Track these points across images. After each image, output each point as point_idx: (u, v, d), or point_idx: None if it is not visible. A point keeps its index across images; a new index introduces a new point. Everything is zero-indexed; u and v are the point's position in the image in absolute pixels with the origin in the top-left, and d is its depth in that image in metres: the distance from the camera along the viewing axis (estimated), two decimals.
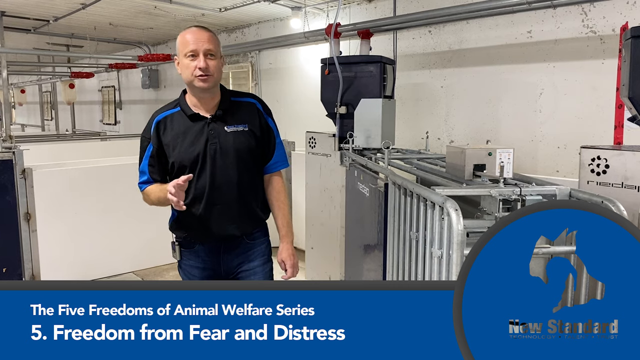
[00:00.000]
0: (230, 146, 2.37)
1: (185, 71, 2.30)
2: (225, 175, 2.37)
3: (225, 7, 6.62)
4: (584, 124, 4.21)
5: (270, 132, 2.52)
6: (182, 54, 2.29)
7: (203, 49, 2.27)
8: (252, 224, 2.50)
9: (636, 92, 2.59)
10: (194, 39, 2.28)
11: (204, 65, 2.27)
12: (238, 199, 2.41)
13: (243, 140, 2.40)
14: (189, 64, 2.28)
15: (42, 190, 5.17)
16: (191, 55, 2.27)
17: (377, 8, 5.77)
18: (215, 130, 2.37)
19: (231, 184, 2.38)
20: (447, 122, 5.21)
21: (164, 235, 6.34)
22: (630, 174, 2.74)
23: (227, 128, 2.38)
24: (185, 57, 2.28)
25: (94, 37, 8.82)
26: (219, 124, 2.38)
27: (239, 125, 2.41)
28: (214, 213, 2.38)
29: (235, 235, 2.45)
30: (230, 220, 2.41)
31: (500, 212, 2.35)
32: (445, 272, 2.18)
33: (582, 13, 4.14)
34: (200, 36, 2.29)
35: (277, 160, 2.57)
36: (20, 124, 16.93)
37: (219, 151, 2.35)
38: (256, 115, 2.48)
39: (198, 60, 2.27)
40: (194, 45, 2.27)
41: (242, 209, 2.43)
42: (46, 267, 5.21)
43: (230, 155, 2.37)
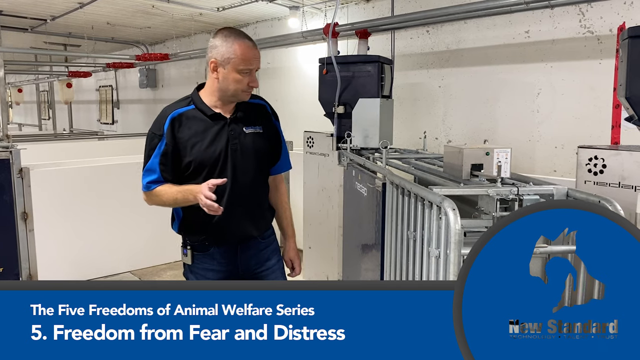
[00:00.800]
0: (250, 147, 2.37)
1: (234, 84, 2.27)
2: (246, 176, 2.36)
3: (223, 7, 6.62)
4: (581, 124, 4.22)
5: (278, 135, 2.54)
6: (235, 67, 2.25)
7: (256, 67, 2.30)
8: (266, 223, 2.52)
9: (633, 92, 2.60)
10: (251, 57, 2.27)
11: (257, 84, 2.31)
12: (255, 199, 2.43)
13: (260, 141, 2.41)
14: (241, 79, 2.26)
15: (39, 190, 5.16)
16: (246, 72, 2.27)
17: (375, 8, 5.77)
18: (235, 131, 2.35)
19: (250, 185, 2.39)
20: (444, 122, 5.22)
21: (161, 235, 6.34)
22: (627, 173, 2.75)
23: (245, 129, 2.38)
24: (238, 72, 2.26)
25: (92, 36, 8.81)
26: (238, 125, 2.37)
27: (256, 127, 2.41)
28: (234, 214, 2.33)
29: (252, 235, 2.45)
30: (249, 221, 2.41)
31: (497, 212, 2.35)
32: (443, 272, 2.18)
33: (580, 13, 4.15)
34: (256, 54, 2.30)
35: (283, 163, 2.59)
36: (18, 123, 16.90)
37: (239, 151, 2.34)
38: (267, 118, 2.49)
39: (251, 79, 2.29)
40: (253, 64, 2.28)
41: (258, 209, 2.45)
42: (43, 267, 5.20)
43: (250, 156, 2.37)
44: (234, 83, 2.27)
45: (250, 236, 2.44)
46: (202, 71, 8.87)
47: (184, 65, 9.32)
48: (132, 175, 5.79)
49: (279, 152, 2.56)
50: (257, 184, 2.43)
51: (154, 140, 2.35)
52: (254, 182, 2.41)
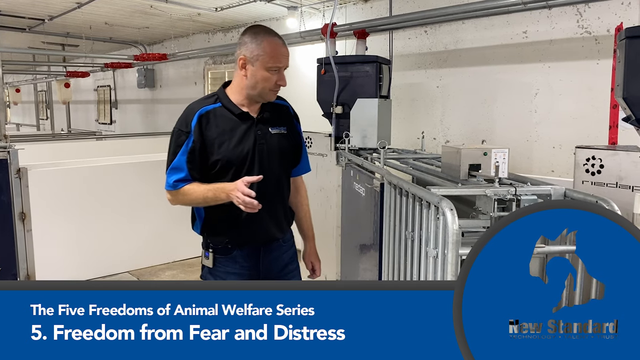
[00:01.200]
0: (276, 147, 2.35)
1: (264, 82, 2.25)
2: (272, 176, 2.32)
3: (221, 7, 6.62)
4: (579, 124, 4.23)
5: (299, 136, 2.52)
6: (265, 65, 2.23)
7: (285, 65, 2.29)
8: (288, 225, 2.50)
9: (631, 92, 2.61)
10: (280, 55, 2.26)
11: (285, 83, 2.29)
12: (280, 200, 2.41)
13: (285, 142, 2.40)
14: (270, 77, 2.24)
15: (37, 190, 5.15)
16: (275, 70, 2.25)
17: (373, 8, 5.78)
18: (262, 131, 2.33)
19: (276, 185, 2.37)
20: (442, 122, 5.23)
21: (159, 235, 6.35)
22: (624, 174, 2.76)
23: (271, 130, 2.36)
24: (267, 69, 2.23)
25: (90, 36, 8.80)
26: (264, 125, 2.35)
27: (281, 127, 2.40)
28: (259, 214, 2.23)
29: (276, 237, 2.42)
30: (274, 222, 2.39)
31: (495, 212, 2.36)
32: (441, 272, 2.19)
33: (577, 14, 4.16)
34: (285, 52, 2.29)
35: (304, 165, 2.58)
36: (15, 123, 16.90)
37: (266, 151, 2.32)
38: (290, 119, 2.48)
39: (279, 77, 2.27)
40: (282, 61, 2.26)
41: (282, 210, 2.43)
42: (41, 267, 5.19)
43: (275, 156, 2.35)
44: (262, 81, 2.25)
45: (274, 238, 2.41)
46: (200, 71, 8.87)
47: (182, 65, 9.31)
48: (131, 175, 5.81)
49: (299, 154, 2.54)
50: (282, 185, 2.41)
51: (180, 137, 2.29)
52: (279, 183, 2.39)
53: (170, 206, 6.08)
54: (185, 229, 6.81)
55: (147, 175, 5.91)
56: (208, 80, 8.74)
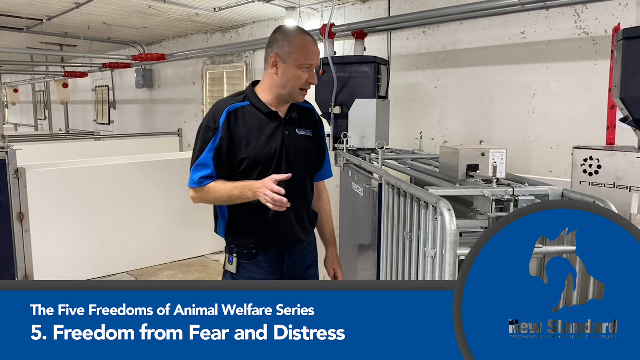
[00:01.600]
0: (302, 149, 2.34)
1: (295, 80, 2.24)
2: (298, 178, 2.28)
3: (219, 7, 6.62)
4: (576, 124, 4.24)
5: (323, 141, 2.52)
6: (297, 62, 2.21)
7: (316, 64, 2.28)
8: (312, 228, 2.49)
9: (628, 93, 2.62)
10: (313, 52, 2.25)
11: (316, 81, 2.28)
12: (305, 202, 2.40)
13: (310, 145, 2.41)
14: (301, 74, 2.23)
15: (35, 190, 5.15)
16: (306, 68, 2.23)
17: (371, 9, 5.78)
18: (290, 132, 2.32)
19: (301, 187, 2.36)
20: (441, 123, 5.24)
21: (157, 235, 6.35)
22: (622, 174, 2.77)
23: (298, 131, 2.35)
24: (299, 67, 2.22)
25: (88, 36, 8.79)
26: (292, 126, 2.34)
27: (307, 130, 2.40)
28: (285, 216, 2.25)
29: (301, 240, 2.41)
30: (299, 224, 2.37)
31: (493, 213, 2.37)
32: (439, 272, 2.20)
33: (575, 14, 4.17)
34: (316, 50, 2.28)
35: (327, 170, 2.57)
36: (14, 123, 16.86)
37: (293, 152, 2.31)
38: (315, 122, 2.48)
39: (310, 75, 2.26)
40: (313, 59, 2.25)
41: (307, 213, 2.42)
42: (39, 268, 5.19)
43: (302, 158, 2.34)
44: (293, 79, 2.23)
45: (299, 241, 2.40)
46: (199, 71, 8.87)
47: (181, 65, 9.31)
48: (129, 175, 5.81)
49: (323, 159, 2.53)
50: (307, 187, 2.40)
51: (208, 133, 2.25)
52: (305, 185, 2.38)
53: (169, 207, 6.12)
54: (184, 229, 6.83)
55: (145, 176, 5.91)
56: (207, 80, 8.74)
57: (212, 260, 6.14)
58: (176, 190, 6.09)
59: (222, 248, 6.96)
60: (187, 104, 9.28)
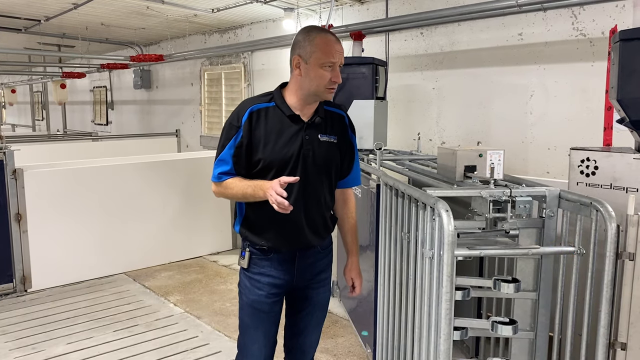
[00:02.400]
0: (322, 155, 2.30)
1: (318, 80, 2.21)
2: (313, 183, 2.29)
3: (217, 8, 6.62)
4: (573, 125, 4.25)
5: (352, 148, 2.46)
6: (319, 62, 2.20)
7: (340, 61, 2.25)
8: (326, 234, 2.45)
9: (625, 94, 2.63)
10: (334, 51, 2.22)
11: (339, 79, 2.24)
12: (320, 208, 2.36)
13: (332, 151, 2.35)
14: (324, 74, 2.20)
15: (33, 191, 5.15)
16: (329, 66, 2.21)
17: (369, 10, 5.79)
18: (310, 136, 2.28)
19: (316, 192, 2.32)
20: (438, 124, 5.25)
21: (155, 236, 6.36)
22: (618, 175, 2.77)
23: (320, 137, 2.31)
24: (322, 67, 2.20)
25: (86, 37, 8.78)
26: (314, 131, 2.30)
27: (331, 136, 2.34)
28: (300, 220, 2.28)
29: (312, 244, 2.38)
30: (311, 229, 2.34)
31: (490, 213, 2.38)
32: (437, 273, 2.20)
33: (572, 16, 4.18)
34: (338, 48, 2.24)
35: (354, 177, 2.52)
36: (11, 124, 16.83)
37: (310, 157, 2.27)
38: (344, 129, 2.42)
39: (334, 74, 2.23)
40: (335, 57, 2.22)
41: (321, 218, 2.38)
42: (37, 268, 5.19)
43: (320, 164, 2.30)
44: (317, 79, 2.21)
45: (310, 245, 2.38)
46: (197, 72, 8.87)
47: (179, 66, 9.31)
48: (127, 176, 5.80)
49: (350, 166, 2.47)
50: (323, 193, 2.36)
51: (231, 130, 2.27)
52: (321, 191, 2.34)
53: (167, 207, 6.16)
54: (182, 230, 6.85)
55: (143, 177, 5.91)
56: (204, 81, 8.74)
57: (210, 260, 6.15)
58: (174, 191, 6.09)
59: (220, 249, 6.97)
60: (185, 104, 9.28)
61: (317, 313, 2.51)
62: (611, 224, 2.10)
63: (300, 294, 2.45)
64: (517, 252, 2.43)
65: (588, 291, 2.24)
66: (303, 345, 2.54)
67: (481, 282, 2.44)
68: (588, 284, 2.23)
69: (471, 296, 2.40)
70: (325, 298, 2.51)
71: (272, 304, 2.39)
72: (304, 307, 2.48)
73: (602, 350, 2.18)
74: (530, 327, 2.52)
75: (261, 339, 2.43)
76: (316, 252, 2.42)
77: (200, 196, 6.25)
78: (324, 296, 2.50)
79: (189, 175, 6.21)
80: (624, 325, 2.59)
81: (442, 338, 2.11)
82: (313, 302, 2.47)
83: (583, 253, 2.25)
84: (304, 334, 2.52)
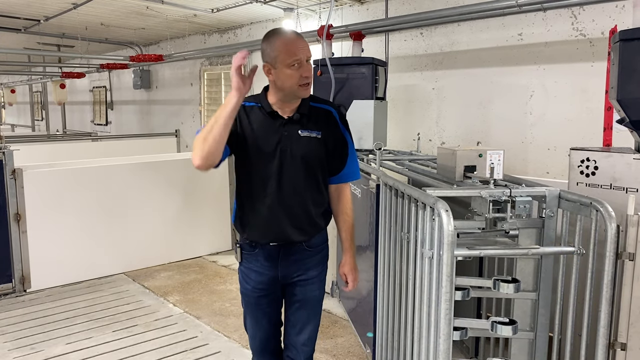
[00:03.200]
0: (300, 150, 2.33)
1: (290, 80, 2.25)
2: (292, 177, 2.33)
3: (217, 8, 6.62)
4: (573, 126, 4.25)
5: (344, 143, 2.47)
6: (285, 63, 2.23)
7: (305, 56, 2.26)
8: (313, 231, 2.45)
9: (625, 94, 2.62)
10: (297, 48, 2.24)
11: (310, 73, 2.28)
12: (301, 204, 2.37)
13: (313, 147, 2.36)
14: (292, 73, 2.24)
15: (32, 191, 5.14)
16: (296, 64, 2.24)
17: (369, 10, 5.79)
18: (289, 132, 2.33)
19: (296, 188, 2.35)
20: (438, 124, 5.25)
21: (155, 236, 6.36)
22: (618, 175, 2.77)
23: (300, 132, 2.34)
24: (289, 67, 2.23)
25: (85, 37, 8.78)
26: (293, 127, 2.34)
27: (313, 131, 2.36)
28: (277, 215, 2.34)
29: (295, 240, 2.40)
30: (292, 224, 2.37)
31: (490, 213, 2.37)
32: (436, 273, 2.20)
33: (572, 16, 4.18)
34: (299, 44, 2.26)
35: (348, 172, 2.51)
36: (10, 124, 16.82)
37: (288, 153, 2.32)
38: (332, 124, 2.43)
39: (303, 69, 2.25)
40: (298, 54, 2.24)
41: (303, 214, 2.39)
42: (36, 268, 5.19)
43: (298, 161, 2.33)
44: (288, 79, 2.25)
45: (291, 240, 2.40)
46: (196, 72, 8.86)
47: (178, 66, 9.31)
48: (126, 176, 5.80)
49: (343, 161, 2.48)
50: (305, 189, 2.37)
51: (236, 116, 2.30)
52: (301, 186, 2.36)
53: (166, 208, 6.15)
54: (181, 230, 6.85)
55: (142, 177, 5.91)
56: (204, 81, 8.74)
57: (209, 261, 6.14)
58: (174, 191, 6.09)
59: (219, 249, 6.97)
60: (185, 104, 9.28)
61: (307, 311, 2.53)
62: (611, 224, 2.09)
63: (289, 290, 2.51)
64: (517, 252, 2.42)
65: (588, 291, 2.24)
66: (296, 343, 2.56)
67: (481, 282, 2.44)
68: (588, 284, 2.23)
69: (471, 296, 2.40)
70: (315, 296, 2.53)
71: (258, 297, 2.48)
72: (292, 303, 2.53)
73: (602, 350, 2.18)
74: (530, 327, 2.52)
75: (254, 325, 2.56)
76: (302, 249, 2.44)
77: (199, 196, 6.24)
78: (312, 294, 2.51)
79: (189, 175, 6.21)
80: (624, 326, 2.58)
81: (442, 338, 2.11)
82: (301, 299, 2.50)
83: (583, 253, 2.25)
84: (295, 331, 2.55)
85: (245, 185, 2.40)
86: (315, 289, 2.51)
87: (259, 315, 2.53)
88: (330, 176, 2.48)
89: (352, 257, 2.57)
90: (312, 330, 2.57)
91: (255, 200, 2.35)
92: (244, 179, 2.40)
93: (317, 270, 2.51)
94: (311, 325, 2.56)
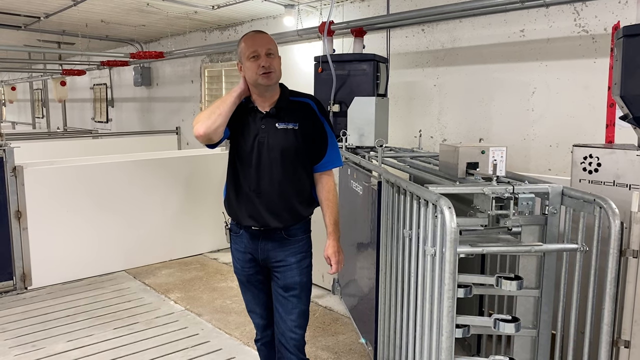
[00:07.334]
0: (277, 142, 2.51)
1: (249, 72, 2.47)
2: (269, 169, 2.52)
3: (218, 5, 6.60)
4: (576, 122, 4.23)
5: (323, 133, 2.62)
6: (246, 56, 2.47)
7: (264, 49, 2.46)
8: (291, 219, 2.60)
9: (628, 90, 2.61)
10: (253, 42, 2.47)
11: (267, 63, 2.44)
12: (279, 193, 2.54)
13: (290, 138, 2.53)
14: (252, 64, 2.45)
15: (33, 188, 5.14)
16: (254, 57, 2.45)
17: (370, 6, 5.77)
18: (266, 126, 2.52)
19: (273, 178, 2.52)
20: (440, 121, 5.23)
21: (155, 233, 6.35)
22: (621, 172, 2.76)
23: (277, 125, 2.52)
24: (248, 60, 2.46)
25: (86, 34, 8.77)
26: (271, 120, 2.53)
27: (290, 123, 2.53)
28: (256, 203, 2.54)
29: (270, 225, 2.55)
30: (270, 212, 2.54)
31: (493, 210, 2.36)
32: (439, 270, 2.19)
33: (575, 12, 4.16)
34: (260, 38, 2.50)
35: (329, 160, 2.66)
36: (11, 121, 16.83)
37: (265, 146, 2.51)
38: (310, 116, 2.60)
39: (260, 60, 2.44)
40: (255, 46, 2.46)
41: (281, 203, 2.55)
42: (37, 266, 5.18)
43: (275, 151, 2.51)
44: (249, 71, 2.47)
45: (268, 226, 2.56)
46: (197, 69, 8.85)
47: (179, 63, 9.29)
48: (127, 173, 5.79)
49: (323, 149, 2.63)
50: (283, 178, 2.53)
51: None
52: (279, 176, 2.52)
53: (167, 205, 6.14)
54: (182, 228, 6.85)
55: (143, 174, 5.90)
56: (205, 78, 8.73)
57: (211, 258, 6.14)
58: (174, 188, 6.08)
59: (220, 246, 6.97)
60: (186, 102, 9.26)
61: (290, 297, 2.63)
62: (615, 221, 2.08)
63: (272, 275, 2.68)
64: (520, 249, 2.41)
65: (591, 289, 2.23)
66: (283, 330, 2.66)
67: (483, 280, 2.42)
68: (591, 281, 2.22)
69: (473, 294, 2.39)
70: (296, 282, 2.63)
71: (249, 275, 2.71)
72: (276, 290, 2.67)
73: (605, 348, 2.17)
74: (532, 324, 2.51)
75: (251, 300, 2.78)
76: (281, 237, 2.59)
77: (200, 194, 6.24)
78: (292, 280, 2.62)
79: (190, 172, 6.20)
80: (628, 323, 2.57)
81: (444, 336, 2.10)
82: (282, 285, 2.62)
83: (586, 250, 2.24)
84: (280, 316, 2.67)
85: (232, 172, 2.62)
86: (295, 275, 2.62)
87: (248, 297, 2.78)
88: (313, 165, 2.63)
89: (335, 240, 2.70)
90: (297, 317, 2.65)
91: (238, 187, 2.59)
92: (231, 166, 2.63)
93: (297, 258, 2.64)
94: (295, 312, 2.65)
